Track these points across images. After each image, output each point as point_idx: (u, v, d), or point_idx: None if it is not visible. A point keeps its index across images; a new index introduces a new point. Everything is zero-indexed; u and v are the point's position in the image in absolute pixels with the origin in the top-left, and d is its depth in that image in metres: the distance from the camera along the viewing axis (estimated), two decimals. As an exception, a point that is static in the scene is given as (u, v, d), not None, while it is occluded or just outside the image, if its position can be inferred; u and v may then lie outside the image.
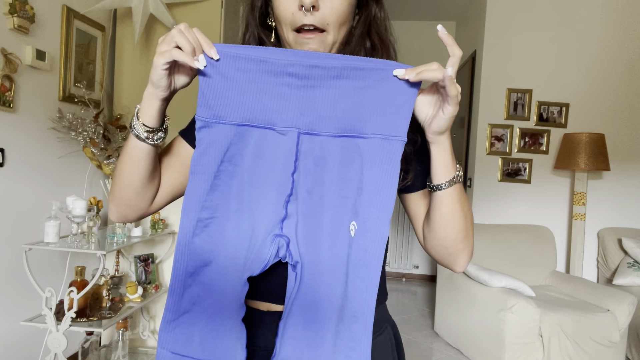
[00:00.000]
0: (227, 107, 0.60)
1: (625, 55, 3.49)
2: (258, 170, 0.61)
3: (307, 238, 0.61)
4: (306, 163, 0.61)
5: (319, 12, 0.64)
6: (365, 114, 0.60)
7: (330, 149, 0.61)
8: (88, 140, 2.12)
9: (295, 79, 0.59)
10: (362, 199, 0.60)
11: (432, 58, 3.65)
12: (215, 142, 0.61)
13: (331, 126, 0.60)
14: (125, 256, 2.49)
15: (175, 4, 2.45)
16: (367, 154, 0.60)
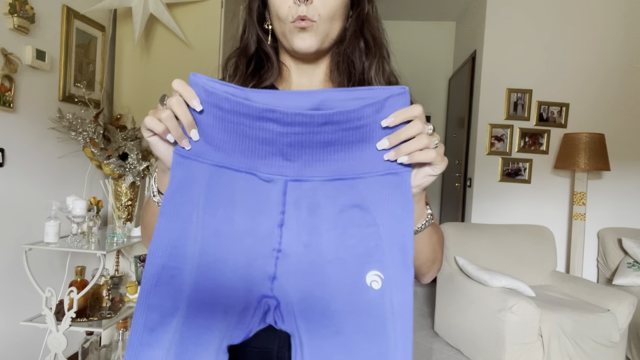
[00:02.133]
0: (207, 144, 0.54)
1: (625, 55, 3.49)
2: (238, 220, 0.53)
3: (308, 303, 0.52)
4: (299, 214, 0.53)
5: (312, 4, 0.66)
6: (360, 153, 0.53)
7: (324, 195, 0.53)
8: (88, 140, 2.12)
9: (277, 125, 0.51)
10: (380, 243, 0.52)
11: (432, 58, 3.66)
12: (190, 181, 0.53)
13: (323, 170, 0.53)
14: (125, 256, 2.48)
15: (175, 4, 2.45)
16: (371, 193, 0.53)
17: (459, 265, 2.94)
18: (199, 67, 2.50)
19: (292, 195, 0.53)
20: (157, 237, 0.53)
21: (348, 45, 0.71)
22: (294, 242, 0.53)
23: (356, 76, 0.72)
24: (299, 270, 0.52)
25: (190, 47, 2.50)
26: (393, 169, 0.53)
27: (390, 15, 4.62)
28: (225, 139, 0.53)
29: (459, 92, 4.28)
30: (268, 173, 0.53)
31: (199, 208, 0.53)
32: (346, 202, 0.53)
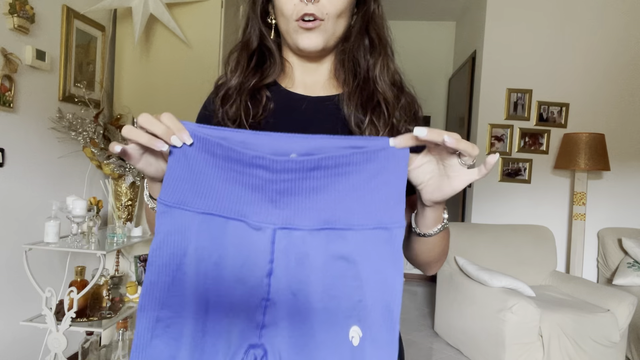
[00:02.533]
0: (192, 192, 0.53)
1: (626, 55, 3.49)
2: (227, 268, 0.53)
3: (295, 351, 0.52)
4: (287, 262, 0.52)
5: (319, 2, 0.65)
6: (350, 203, 0.52)
7: (313, 245, 0.52)
8: (88, 140, 2.12)
9: (265, 172, 0.52)
10: (363, 299, 0.52)
11: (432, 58, 3.67)
12: (177, 231, 0.53)
13: (312, 219, 0.52)
14: (125, 256, 2.48)
15: (175, 4, 2.45)
16: (361, 248, 0.52)
17: (459, 265, 2.94)
18: (199, 67, 2.50)
19: (281, 244, 0.52)
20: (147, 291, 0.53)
21: (353, 43, 0.71)
22: (283, 291, 0.52)
23: (361, 74, 0.71)
24: (287, 319, 0.52)
25: (190, 47, 2.50)
26: (383, 223, 0.52)
27: (390, 15, 4.59)
28: (215, 185, 0.53)
29: (459, 92, 4.28)
30: (257, 221, 0.52)
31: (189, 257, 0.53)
32: (334, 253, 0.52)
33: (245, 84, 0.71)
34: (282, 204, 0.52)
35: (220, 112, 0.72)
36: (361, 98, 0.69)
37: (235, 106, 0.70)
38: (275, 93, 0.73)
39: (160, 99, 2.52)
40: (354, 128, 0.69)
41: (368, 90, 0.70)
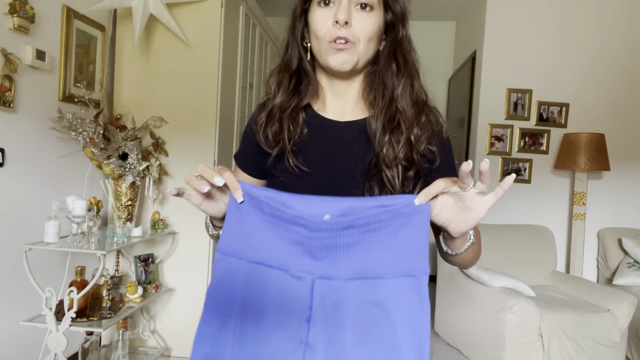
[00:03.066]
0: (245, 243, 0.62)
1: (625, 55, 3.49)
2: (271, 313, 0.60)
3: None
4: (324, 309, 0.58)
5: (351, 27, 0.71)
6: (381, 254, 0.59)
7: (347, 294, 0.58)
8: (88, 140, 2.12)
9: (304, 230, 0.59)
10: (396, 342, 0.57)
11: (432, 58, 3.67)
12: (230, 277, 0.62)
13: (347, 270, 0.59)
14: (125, 256, 2.49)
15: (175, 4, 2.45)
16: (391, 295, 0.58)
17: (459, 265, 2.94)
18: (199, 67, 2.50)
19: (319, 292, 0.58)
20: (201, 327, 0.63)
21: (382, 66, 0.76)
22: (320, 336, 0.58)
23: (387, 95, 0.76)
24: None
25: (190, 47, 2.50)
26: (410, 271, 0.58)
27: (390, 15, 4.62)
28: (263, 237, 0.61)
29: (459, 92, 4.28)
30: (298, 270, 0.60)
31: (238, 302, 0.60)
32: (367, 301, 0.58)
33: (286, 104, 0.77)
34: (319, 257, 0.59)
35: (262, 131, 0.79)
36: (384, 119, 0.74)
37: (276, 126, 0.77)
38: (310, 116, 0.80)
39: (160, 99, 2.52)
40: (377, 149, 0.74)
41: (391, 112, 0.75)
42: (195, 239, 2.54)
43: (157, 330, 2.57)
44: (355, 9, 0.72)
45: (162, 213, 2.51)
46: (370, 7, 0.73)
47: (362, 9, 0.72)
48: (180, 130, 2.52)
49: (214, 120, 2.52)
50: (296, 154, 0.76)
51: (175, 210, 2.54)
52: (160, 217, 2.40)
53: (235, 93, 2.85)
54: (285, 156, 0.76)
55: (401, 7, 0.79)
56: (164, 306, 2.56)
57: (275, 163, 0.79)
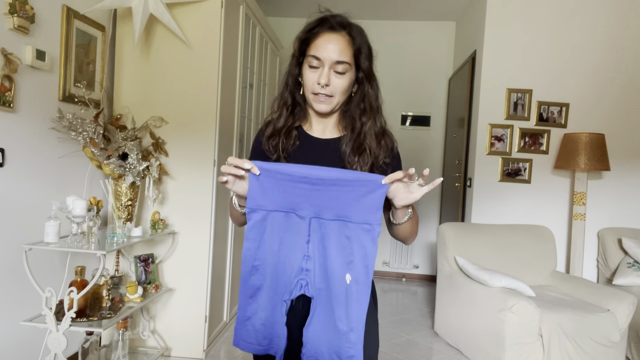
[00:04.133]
0: (265, 199, 0.95)
1: (625, 55, 3.49)
2: (287, 238, 0.96)
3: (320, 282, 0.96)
4: (316, 235, 0.95)
5: (329, 86, 1.03)
6: (351, 207, 0.93)
7: (330, 227, 0.95)
8: (88, 140, 2.12)
9: (306, 185, 0.94)
10: (354, 260, 0.94)
11: (432, 58, 3.67)
12: (259, 221, 0.96)
13: (330, 214, 0.95)
14: (125, 256, 2.48)
15: (175, 4, 2.45)
16: (355, 233, 0.94)
17: (459, 265, 2.94)
18: (199, 67, 2.50)
19: (314, 226, 0.96)
20: (247, 250, 0.97)
21: (353, 108, 1.09)
22: (314, 251, 0.96)
23: (356, 129, 1.08)
24: (317, 267, 0.96)
25: (190, 47, 2.50)
26: (368, 221, 0.93)
27: (390, 15, 4.62)
28: (277, 195, 0.95)
29: (459, 92, 4.28)
30: (301, 212, 0.96)
31: (268, 232, 0.97)
32: (341, 234, 0.95)
33: (283, 126, 1.11)
34: (315, 204, 0.95)
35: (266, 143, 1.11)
36: (354, 145, 1.07)
37: (276, 141, 1.10)
38: (300, 133, 1.13)
39: (160, 99, 2.52)
40: (347, 164, 1.07)
41: (359, 141, 1.07)
42: (195, 239, 2.54)
43: (157, 330, 2.57)
44: (333, 73, 1.02)
45: (162, 213, 2.51)
46: (344, 72, 1.03)
47: (338, 73, 1.03)
48: (180, 130, 2.52)
49: (214, 120, 2.52)
50: (289, 159, 1.09)
51: (175, 210, 2.54)
52: (160, 217, 2.40)
53: (235, 93, 2.85)
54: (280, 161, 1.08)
55: (368, 66, 1.07)
56: (164, 306, 2.56)
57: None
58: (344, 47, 1.02)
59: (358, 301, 0.94)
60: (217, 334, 2.78)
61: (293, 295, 0.97)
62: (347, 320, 0.94)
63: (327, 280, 0.95)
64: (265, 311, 0.98)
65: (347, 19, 1.06)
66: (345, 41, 1.03)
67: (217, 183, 2.58)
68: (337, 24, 1.04)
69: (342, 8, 1.13)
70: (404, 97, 4.75)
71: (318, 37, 1.03)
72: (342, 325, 0.95)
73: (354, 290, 0.94)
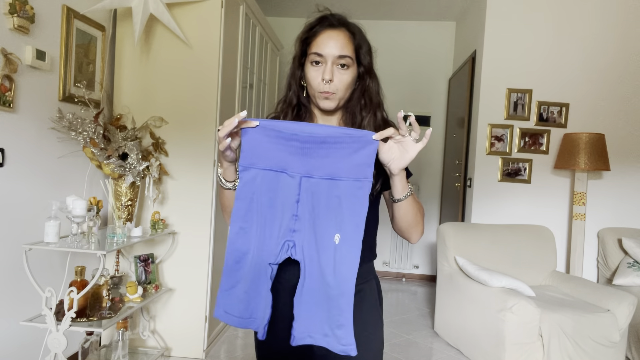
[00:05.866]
0: (257, 157, 0.94)
1: (625, 55, 3.49)
2: (276, 198, 0.94)
3: (308, 244, 0.93)
4: (306, 195, 0.94)
5: (333, 83, 1.03)
6: (341, 165, 0.92)
7: (320, 187, 0.93)
8: (88, 140, 2.12)
9: (297, 143, 0.93)
10: (343, 219, 0.92)
11: (432, 58, 3.67)
12: (250, 180, 0.95)
13: (320, 173, 0.93)
14: (125, 256, 2.48)
15: (175, 4, 2.45)
16: (345, 191, 0.92)
17: (459, 265, 2.94)
18: (199, 67, 2.50)
19: (304, 185, 0.94)
20: (235, 210, 0.95)
21: (353, 103, 1.10)
22: (304, 210, 0.94)
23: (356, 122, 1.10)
24: (305, 227, 0.94)
25: (190, 47, 2.50)
26: (359, 178, 0.91)
27: (390, 15, 4.61)
28: (269, 152, 0.94)
29: (459, 92, 4.28)
30: (292, 172, 0.94)
31: (257, 192, 0.95)
32: (331, 193, 0.93)
33: None
34: (305, 163, 0.93)
35: None
36: None
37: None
38: None
39: (160, 99, 2.52)
40: None
41: None
42: (195, 239, 2.54)
43: (157, 330, 2.57)
44: (337, 68, 1.03)
45: (162, 213, 2.51)
46: (347, 66, 1.04)
47: (341, 68, 1.04)
48: (180, 130, 2.52)
49: (214, 120, 2.52)
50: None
51: (175, 210, 2.54)
52: (160, 217, 2.40)
53: (235, 93, 2.85)
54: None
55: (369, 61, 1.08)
56: (164, 306, 2.56)
57: None
58: (345, 42, 1.03)
59: (348, 262, 0.91)
60: (217, 334, 2.78)
61: (279, 258, 0.94)
62: (336, 283, 0.91)
63: (316, 242, 0.92)
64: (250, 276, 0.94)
65: (345, 18, 1.07)
66: (346, 37, 1.04)
67: (217, 183, 2.58)
68: (336, 21, 1.05)
69: (342, 8, 1.13)
70: (404, 97, 4.75)
71: (319, 35, 1.04)
72: (331, 290, 0.91)
73: (343, 250, 0.91)
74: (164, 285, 2.54)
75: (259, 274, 0.94)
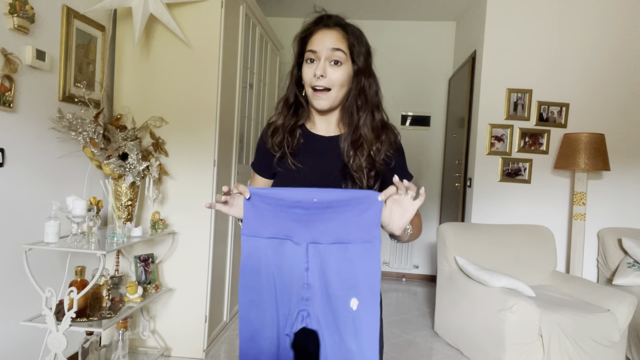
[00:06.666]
0: (260, 226, 0.93)
1: (625, 55, 3.49)
2: (283, 267, 0.93)
3: (323, 312, 0.91)
4: (315, 261, 0.91)
5: (326, 78, 1.04)
6: (349, 227, 0.91)
7: (329, 252, 0.91)
8: (88, 140, 2.12)
9: (300, 210, 0.92)
10: (358, 283, 0.90)
11: (432, 58, 3.68)
12: (254, 250, 0.94)
13: (328, 237, 0.91)
14: (125, 256, 2.48)
15: (175, 4, 2.45)
16: (356, 254, 0.91)
17: (459, 265, 2.94)
18: (199, 67, 2.50)
19: (312, 252, 0.92)
20: (243, 283, 0.94)
21: (350, 103, 1.10)
22: (314, 278, 0.92)
23: (353, 124, 1.09)
24: (318, 295, 0.92)
25: (190, 47, 2.50)
26: (368, 239, 0.90)
27: (390, 15, 4.61)
28: (272, 220, 0.93)
29: (459, 92, 4.28)
30: (297, 239, 0.92)
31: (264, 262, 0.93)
32: (342, 257, 0.91)
33: (286, 125, 1.13)
34: (311, 229, 0.91)
35: (270, 141, 1.14)
36: (351, 139, 1.09)
37: (280, 138, 1.12)
38: (304, 132, 1.15)
39: (160, 99, 2.52)
40: (346, 158, 1.08)
41: (356, 135, 1.09)
42: (195, 239, 2.54)
43: (157, 330, 2.57)
44: (330, 64, 1.05)
45: (162, 213, 2.51)
46: (340, 63, 1.05)
47: (334, 64, 1.05)
48: (180, 130, 2.52)
49: (214, 120, 2.52)
50: (294, 155, 1.12)
51: (175, 210, 2.54)
52: (160, 217, 2.40)
53: (235, 93, 2.85)
54: (286, 158, 1.12)
55: (363, 61, 1.08)
56: (164, 306, 2.56)
57: (279, 162, 1.14)
58: (338, 39, 1.06)
59: (368, 326, 0.89)
60: (217, 334, 2.78)
61: (295, 328, 0.92)
62: (359, 349, 0.90)
63: (331, 309, 0.90)
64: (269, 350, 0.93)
65: (342, 19, 1.10)
66: (340, 35, 1.07)
67: (217, 183, 2.58)
68: (332, 22, 1.08)
69: (342, 8, 1.14)
70: (404, 97, 4.75)
71: (314, 34, 1.07)
72: (354, 357, 0.90)
73: (362, 315, 0.89)
74: (164, 285, 2.54)
75: (277, 346, 0.93)
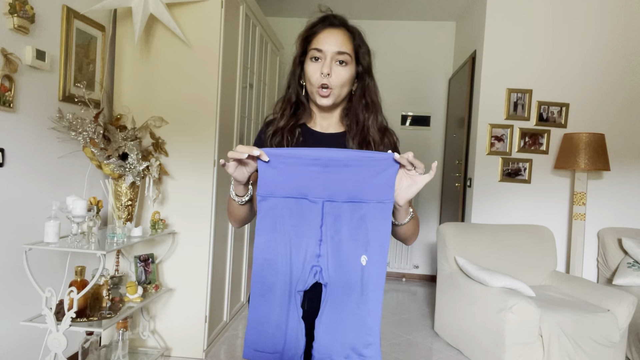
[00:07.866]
0: (276, 186, 0.93)
1: (625, 55, 3.49)
2: (299, 225, 0.94)
3: (334, 267, 0.94)
4: (329, 219, 0.94)
5: (331, 76, 1.06)
6: (364, 187, 0.92)
7: (343, 210, 0.93)
8: (88, 140, 2.12)
9: (318, 167, 0.92)
10: (369, 240, 0.93)
11: (432, 58, 3.68)
12: (270, 209, 0.94)
13: (343, 196, 0.93)
14: (125, 256, 2.48)
15: (175, 4, 2.45)
16: (369, 213, 0.93)
17: (459, 265, 2.94)
18: (199, 67, 2.50)
19: (327, 210, 0.94)
20: (258, 243, 0.95)
21: (354, 103, 1.12)
22: (328, 235, 0.94)
23: (360, 123, 1.11)
24: (331, 251, 0.94)
25: (190, 47, 2.50)
26: (381, 199, 0.93)
27: (390, 15, 4.61)
28: (288, 180, 0.93)
29: (459, 92, 4.28)
30: (313, 197, 0.93)
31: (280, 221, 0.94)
32: (355, 215, 0.93)
33: (286, 125, 1.13)
34: (327, 187, 0.93)
35: (269, 140, 1.13)
36: (359, 138, 1.11)
37: (279, 139, 1.12)
38: (304, 130, 1.16)
39: (160, 99, 2.52)
40: None
41: (364, 134, 1.11)
42: (195, 239, 2.54)
43: (157, 330, 2.57)
44: (335, 64, 1.06)
45: (162, 213, 2.51)
46: (345, 63, 1.07)
47: (339, 64, 1.06)
48: (180, 130, 2.52)
49: (214, 120, 2.52)
50: None
51: (175, 210, 2.54)
52: (160, 217, 2.40)
53: (235, 93, 2.85)
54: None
55: (368, 62, 1.11)
56: (164, 306, 2.56)
57: None
58: (345, 40, 1.07)
59: (376, 283, 0.93)
60: (217, 334, 2.78)
61: (307, 285, 0.94)
62: (365, 303, 0.92)
63: (342, 265, 0.93)
64: (280, 308, 0.93)
65: (346, 19, 1.11)
66: (346, 36, 1.08)
67: (217, 183, 2.58)
68: (337, 21, 1.09)
69: (342, 8, 1.14)
70: (404, 97, 4.75)
71: (320, 33, 1.08)
72: (359, 311, 0.92)
73: (370, 271, 0.92)
74: (164, 285, 2.54)
75: (289, 303, 0.94)
